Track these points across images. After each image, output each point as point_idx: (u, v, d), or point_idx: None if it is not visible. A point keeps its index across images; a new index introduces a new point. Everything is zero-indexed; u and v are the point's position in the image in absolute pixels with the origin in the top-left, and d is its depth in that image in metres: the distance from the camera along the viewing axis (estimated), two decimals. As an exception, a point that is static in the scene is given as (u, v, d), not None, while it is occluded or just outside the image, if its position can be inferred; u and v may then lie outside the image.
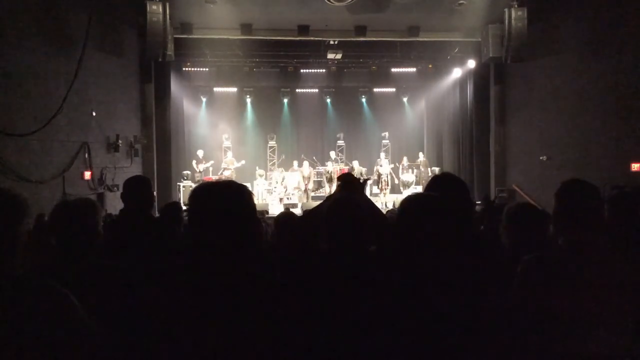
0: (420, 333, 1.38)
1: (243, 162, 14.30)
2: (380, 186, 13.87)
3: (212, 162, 14.43)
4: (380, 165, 14.01)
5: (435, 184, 1.98)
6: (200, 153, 14.46)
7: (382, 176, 13.74)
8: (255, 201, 1.65)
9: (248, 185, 2.07)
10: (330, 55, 13.17)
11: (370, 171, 14.50)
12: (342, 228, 1.86)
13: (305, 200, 13.24)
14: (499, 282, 1.70)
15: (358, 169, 13.96)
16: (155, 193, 10.99)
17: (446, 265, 1.43)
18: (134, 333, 1.49)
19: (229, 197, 1.40)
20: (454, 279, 1.42)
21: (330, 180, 13.59)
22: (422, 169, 15.04)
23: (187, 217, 1.45)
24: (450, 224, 1.45)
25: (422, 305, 1.39)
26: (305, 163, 13.90)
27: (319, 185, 15.02)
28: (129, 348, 1.53)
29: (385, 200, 13.67)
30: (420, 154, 15.59)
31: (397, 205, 11.98)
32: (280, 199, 13.55)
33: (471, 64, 13.51)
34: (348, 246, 1.86)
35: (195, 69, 14.38)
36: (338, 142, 17.63)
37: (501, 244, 2.33)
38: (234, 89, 16.77)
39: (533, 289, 1.72)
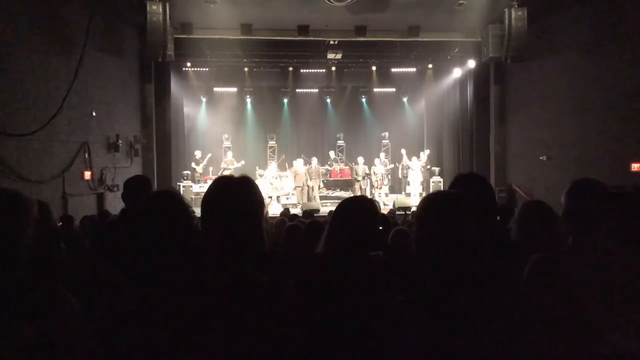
0: (432, 335, 1.37)
1: (243, 162, 14.30)
2: (375, 185, 14.00)
3: (209, 155, 14.44)
4: (375, 165, 14.15)
5: (459, 183, 1.95)
6: (197, 154, 14.47)
7: (376, 175, 13.92)
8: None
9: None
10: (330, 55, 13.17)
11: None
12: (349, 226, 1.84)
13: (304, 200, 13.23)
14: (508, 281, 1.70)
15: (362, 167, 14.04)
16: (155, 193, 10.95)
17: (473, 267, 1.41)
18: (134, 334, 1.49)
19: (241, 194, 1.40)
20: (478, 279, 1.41)
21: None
22: (423, 169, 15.05)
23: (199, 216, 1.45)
24: (474, 222, 1.43)
25: (443, 309, 1.37)
26: (300, 161, 13.84)
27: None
28: (129, 349, 1.53)
29: (383, 200, 13.70)
30: (422, 154, 15.57)
31: (397, 206, 12.05)
32: (270, 197, 13.51)
33: (471, 64, 13.51)
34: (348, 247, 1.86)
35: (195, 69, 14.37)
36: (338, 142, 17.64)
37: (510, 241, 2.32)
38: (234, 89, 16.76)
39: (540, 289, 1.72)
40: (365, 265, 1.80)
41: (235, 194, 1.40)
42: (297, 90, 16.90)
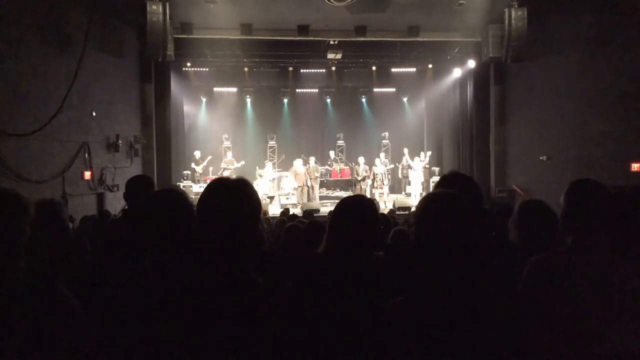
0: (432, 334, 1.37)
1: (243, 162, 14.30)
2: (375, 185, 13.98)
3: (209, 157, 14.48)
4: (375, 166, 14.13)
5: (445, 184, 1.92)
6: (197, 154, 14.48)
7: (377, 176, 13.90)
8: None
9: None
10: (330, 55, 13.17)
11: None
12: (349, 226, 1.84)
13: (304, 200, 13.23)
14: (507, 281, 1.69)
15: (363, 167, 14.02)
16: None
17: (471, 265, 1.40)
18: (134, 334, 1.49)
19: (237, 196, 1.40)
20: (477, 279, 1.41)
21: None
22: (424, 169, 15.05)
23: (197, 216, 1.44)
24: (473, 222, 1.42)
25: (443, 306, 1.38)
26: (300, 161, 13.82)
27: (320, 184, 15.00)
28: (127, 349, 1.53)
29: (384, 200, 13.69)
30: (422, 154, 15.56)
31: (397, 206, 12.05)
32: (270, 197, 13.46)
33: (471, 64, 13.51)
34: (348, 247, 1.85)
35: (195, 69, 14.37)
36: (338, 142, 17.64)
37: (509, 242, 2.31)
38: (234, 89, 16.77)
39: (539, 289, 1.72)
40: (366, 266, 1.80)
41: (232, 196, 1.40)
42: (297, 90, 16.90)
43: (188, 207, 1.68)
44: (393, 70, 15.38)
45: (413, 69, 15.40)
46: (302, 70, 15.16)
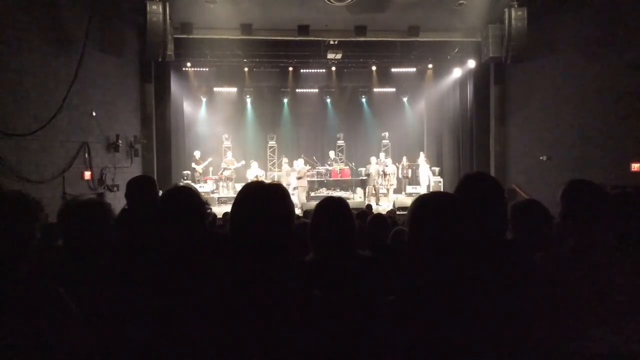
0: (431, 333, 1.36)
1: (243, 162, 14.30)
2: (385, 186, 13.90)
3: (210, 159, 14.49)
4: (386, 165, 14.03)
5: (467, 183, 1.89)
6: (197, 154, 14.48)
7: (387, 176, 13.79)
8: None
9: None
10: (330, 55, 13.17)
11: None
12: (329, 229, 1.83)
13: (304, 200, 13.21)
14: (507, 280, 1.69)
15: (375, 167, 13.91)
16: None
17: (467, 267, 1.40)
18: (135, 334, 1.49)
19: (272, 199, 1.38)
20: (475, 281, 1.40)
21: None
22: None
23: (230, 216, 1.43)
24: (468, 223, 1.42)
25: (438, 308, 1.37)
26: (301, 161, 13.76)
27: (319, 184, 14.98)
28: (129, 349, 1.53)
29: (388, 199, 13.68)
30: (421, 154, 15.58)
31: (397, 206, 12.04)
32: None
33: (471, 64, 13.51)
34: (335, 248, 1.84)
35: (195, 69, 14.38)
36: (338, 142, 17.64)
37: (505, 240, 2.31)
38: (234, 89, 16.77)
39: (539, 289, 1.72)
40: (352, 265, 1.80)
41: (267, 198, 1.39)
42: (297, 90, 16.89)
43: (202, 205, 1.67)
44: (393, 70, 15.38)
45: (413, 69, 15.40)
46: (302, 70, 15.16)
